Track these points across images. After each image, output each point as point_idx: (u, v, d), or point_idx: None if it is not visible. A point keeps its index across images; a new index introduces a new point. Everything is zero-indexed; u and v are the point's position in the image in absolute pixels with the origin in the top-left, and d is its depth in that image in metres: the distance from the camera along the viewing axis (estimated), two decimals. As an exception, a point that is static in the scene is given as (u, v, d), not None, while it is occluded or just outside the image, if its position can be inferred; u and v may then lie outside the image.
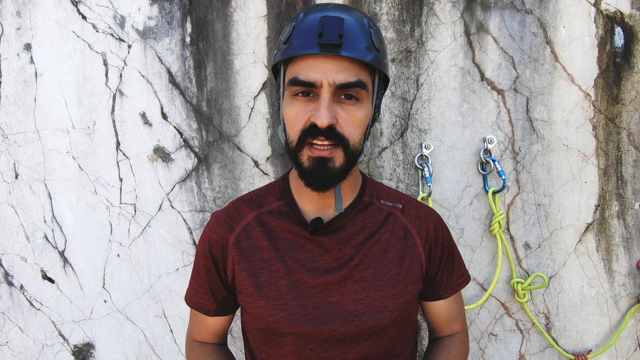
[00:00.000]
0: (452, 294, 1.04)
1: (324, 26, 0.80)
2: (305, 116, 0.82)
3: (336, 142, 0.82)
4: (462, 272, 1.07)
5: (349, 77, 0.81)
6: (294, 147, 0.85)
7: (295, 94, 0.84)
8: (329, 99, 0.80)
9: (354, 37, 0.81)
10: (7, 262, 1.49)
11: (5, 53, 1.43)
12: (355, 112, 0.84)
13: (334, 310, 0.91)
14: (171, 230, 1.47)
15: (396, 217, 0.99)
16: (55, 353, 1.52)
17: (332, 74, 0.80)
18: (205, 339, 1.07)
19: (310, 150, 0.83)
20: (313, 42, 0.80)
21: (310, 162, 0.83)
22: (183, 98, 1.43)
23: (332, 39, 0.79)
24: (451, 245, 1.06)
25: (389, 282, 0.94)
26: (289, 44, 0.84)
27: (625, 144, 1.44)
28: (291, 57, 0.84)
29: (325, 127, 0.80)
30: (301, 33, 0.82)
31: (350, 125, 0.83)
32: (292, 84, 0.83)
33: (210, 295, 1.00)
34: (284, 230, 0.95)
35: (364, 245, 0.95)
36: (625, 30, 1.41)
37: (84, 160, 1.45)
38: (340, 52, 0.79)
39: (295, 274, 0.93)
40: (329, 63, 0.80)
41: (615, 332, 1.47)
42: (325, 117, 0.79)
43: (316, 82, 0.80)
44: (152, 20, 1.42)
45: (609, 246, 1.47)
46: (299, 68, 0.82)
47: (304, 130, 0.82)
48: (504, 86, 1.42)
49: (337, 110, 0.82)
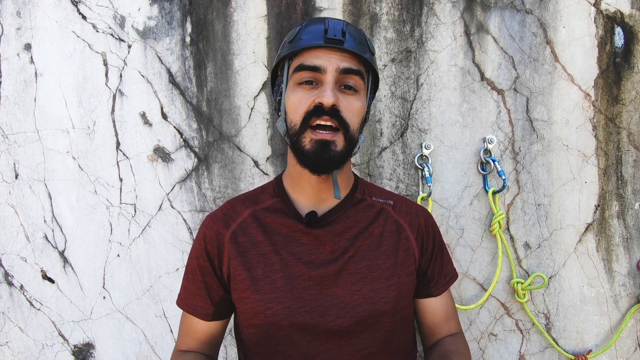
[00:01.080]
0: (442, 291, 1.06)
1: (329, 25, 0.89)
2: (310, 99, 0.88)
3: (338, 124, 0.88)
4: (450, 269, 1.10)
5: (352, 65, 0.90)
6: (296, 131, 0.89)
7: (299, 83, 0.90)
8: (333, 82, 0.88)
9: (354, 38, 0.91)
10: (7, 262, 1.49)
11: (5, 53, 1.43)
12: (355, 101, 0.91)
13: (330, 302, 0.92)
14: (171, 230, 1.47)
15: (388, 212, 1.03)
16: (55, 353, 1.52)
17: (337, 61, 0.88)
18: (193, 349, 1.01)
19: (313, 134, 0.88)
20: (319, 37, 0.89)
21: (313, 145, 0.88)
22: (183, 98, 1.44)
23: (337, 35, 0.89)
24: (441, 241, 1.09)
25: (384, 273, 0.96)
26: (295, 41, 0.92)
27: (625, 144, 1.44)
28: (297, 52, 0.92)
29: (330, 105, 0.86)
30: (307, 32, 0.91)
31: (350, 112, 0.90)
32: (298, 70, 0.89)
33: (207, 296, 0.99)
34: (279, 225, 0.97)
35: (357, 238, 0.97)
36: (625, 30, 1.41)
37: (84, 160, 1.45)
38: (344, 46, 0.89)
39: (291, 267, 0.94)
40: (333, 53, 0.89)
41: (615, 332, 1.47)
42: (330, 96, 0.85)
43: (321, 67, 0.88)
44: (152, 20, 1.42)
45: (609, 246, 1.47)
46: (305, 57, 0.90)
47: (308, 112, 0.87)
48: (504, 86, 1.42)
49: (339, 96, 0.89)
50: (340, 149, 0.89)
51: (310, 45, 0.89)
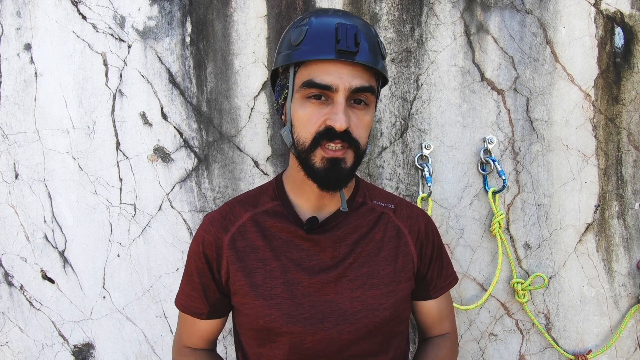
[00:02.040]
0: (441, 294, 1.06)
1: (341, 33, 0.82)
2: (320, 119, 0.84)
3: (349, 144, 0.85)
4: (450, 272, 1.09)
5: (363, 82, 0.84)
6: (306, 148, 0.86)
7: (308, 97, 0.85)
8: (345, 102, 0.83)
9: (367, 46, 0.85)
10: (7, 262, 1.49)
11: (5, 53, 1.43)
12: (364, 116, 0.87)
13: (330, 308, 0.92)
14: (171, 230, 1.47)
15: (388, 217, 1.02)
16: (55, 353, 1.52)
17: (348, 79, 0.83)
18: (196, 345, 1.05)
19: (325, 151, 0.85)
20: (330, 48, 0.82)
21: (324, 163, 0.85)
22: (183, 98, 1.44)
23: (349, 46, 0.82)
24: (440, 245, 1.08)
25: (383, 280, 0.95)
26: (303, 46, 0.84)
27: (625, 144, 1.44)
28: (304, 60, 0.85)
29: (343, 130, 0.82)
30: (316, 37, 0.84)
31: (361, 129, 0.87)
32: (307, 86, 0.84)
33: (203, 297, 0.99)
34: (279, 230, 0.96)
35: (358, 244, 0.96)
36: (625, 31, 1.41)
37: (84, 160, 1.45)
38: (356, 59, 0.82)
39: (290, 273, 0.93)
40: (344, 68, 0.83)
41: (615, 332, 1.47)
42: (343, 121, 0.82)
43: (333, 86, 0.82)
44: (152, 21, 1.42)
45: (609, 246, 1.47)
46: (314, 71, 0.83)
47: (319, 133, 0.84)
48: (504, 86, 1.42)
49: (349, 114, 0.85)
50: (350, 165, 0.87)
51: (319, 59, 0.83)
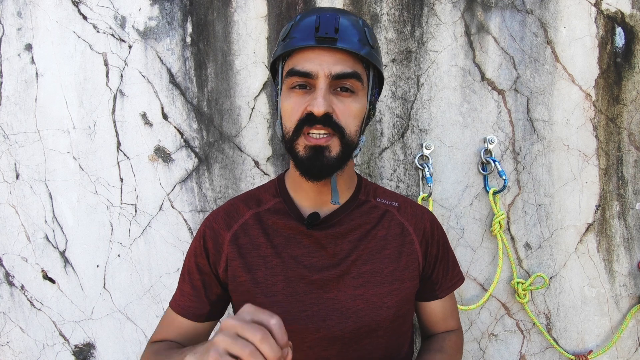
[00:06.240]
0: (447, 294, 1.05)
1: (320, 21, 0.82)
2: (302, 106, 0.84)
3: (333, 130, 0.83)
4: (456, 272, 1.08)
5: (345, 68, 0.83)
6: (290, 137, 0.86)
7: (292, 87, 0.85)
8: (325, 88, 0.82)
9: (348, 32, 0.84)
10: (8, 262, 1.49)
11: (6, 53, 1.43)
12: (351, 103, 0.85)
13: (332, 306, 0.91)
14: (172, 231, 1.47)
15: (392, 214, 1.00)
16: (55, 353, 1.52)
17: (329, 65, 0.82)
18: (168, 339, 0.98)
19: (307, 139, 0.84)
20: (310, 36, 0.83)
21: (307, 151, 0.84)
22: (184, 98, 1.44)
23: (328, 33, 0.82)
24: (446, 245, 1.06)
25: (387, 278, 0.94)
26: (288, 39, 0.86)
27: (626, 144, 1.44)
28: (289, 52, 0.86)
29: (321, 114, 0.81)
30: (299, 29, 0.85)
31: (347, 115, 0.85)
32: (290, 75, 0.84)
33: (204, 296, 0.98)
34: (280, 227, 0.96)
35: (361, 241, 0.95)
36: (626, 31, 1.41)
37: (84, 161, 1.45)
38: (337, 45, 0.82)
39: (292, 270, 0.92)
40: (325, 55, 0.82)
41: (616, 333, 1.47)
42: (321, 105, 0.80)
43: (312, 72, 0.82)
44: (153, 21, 1.42)
45: (610, 246, 1.47)
46: (296, 60, 0.84)
47: (301, 120, 0.84)
48: (505, 86, 1.42)
49: (334, 100, 0.84)
50: (336, 154, 0.84)
51: (300, 46, 0.83)
